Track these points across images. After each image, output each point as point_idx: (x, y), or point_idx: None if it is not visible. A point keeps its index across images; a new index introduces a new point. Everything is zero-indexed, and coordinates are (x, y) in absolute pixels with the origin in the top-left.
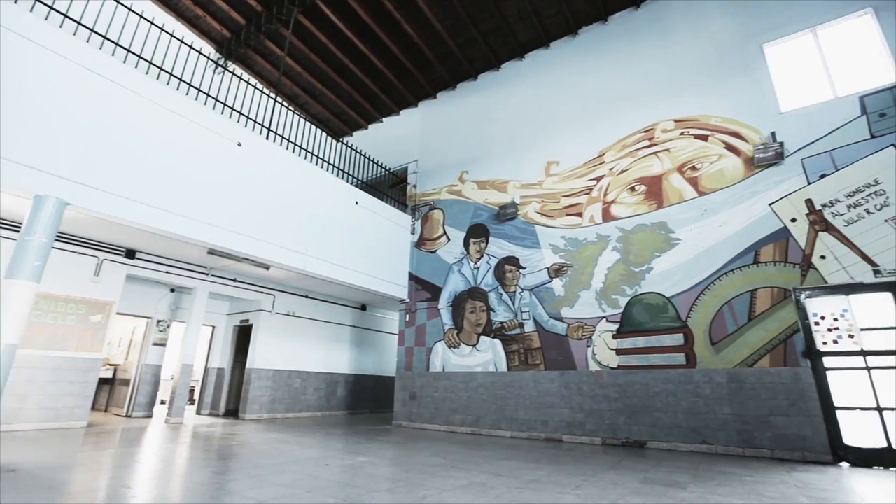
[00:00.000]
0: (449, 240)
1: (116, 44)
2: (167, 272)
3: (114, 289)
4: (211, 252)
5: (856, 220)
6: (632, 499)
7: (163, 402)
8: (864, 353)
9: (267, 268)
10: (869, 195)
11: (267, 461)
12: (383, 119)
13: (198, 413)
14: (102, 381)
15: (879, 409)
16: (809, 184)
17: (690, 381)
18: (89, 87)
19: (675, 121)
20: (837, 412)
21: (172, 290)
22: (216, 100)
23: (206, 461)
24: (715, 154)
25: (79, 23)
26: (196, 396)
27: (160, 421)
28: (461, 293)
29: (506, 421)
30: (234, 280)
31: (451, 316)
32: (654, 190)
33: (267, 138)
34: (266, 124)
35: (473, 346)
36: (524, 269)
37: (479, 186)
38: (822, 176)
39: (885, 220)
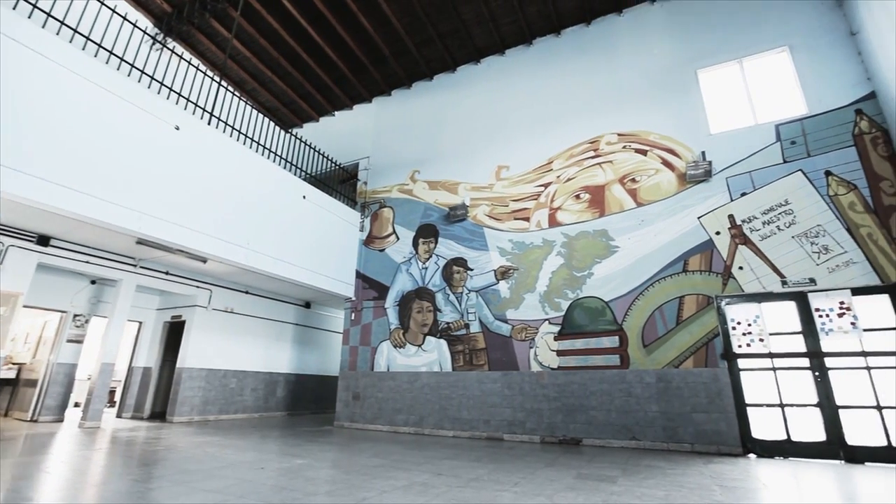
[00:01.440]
0: (398, 239)
1: (34, 6)
2: (87, 262)
3: (21, 278)
4: (140, 242)
5: (769, 236)
6: (566, 494)
7: (77, 405)
8: (771, 356)
9: (204, 261)
10: (780, 214)
11: (196, 466)
12: (335, 113)
13: (118, 416)
14: (3, 382)
15: (782, 406)
16: (732, 201)
17: (624, 381)
18: None
19: (619, 134)
20: (748, 409)
21: (93, 282)
22: (152, 78)
23: (126, 468)
24: (652, 168)
25: None
26: (117, 398)
27: (73, 425)
28: (409, 293)
29: (449, 421)
30: (167, 273)
31: (398, 315)
32: (597, 199)
33: (209, 124)
34: (209, 109)
35: (419, 346)
36: (472, 270)
37: (431, 187)
38: (743, 194)
39: (793, 237)
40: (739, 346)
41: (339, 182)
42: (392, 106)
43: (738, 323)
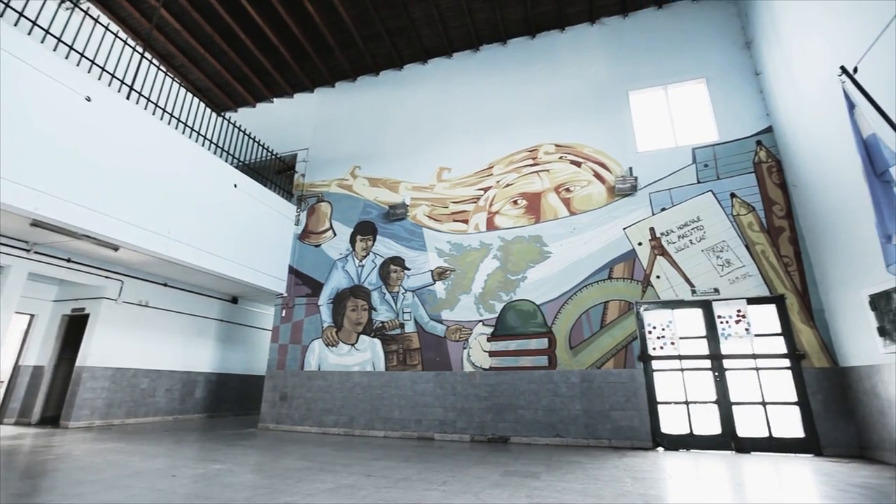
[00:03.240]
0: (335, 235)
1: None
2: None
3: None
4: (36, 224)
5: (683, 249)
6: (492, 490)
7: None
8: (679, 358)
9: (115, 249)
10: (693, 229)
11: (94, 476)
12: (274, 99)
13: None
14: None
15: (687, 403)
16: (653, 215)
17: (551, 381)
18: None
19: (556, 145)
20: (659, 406)
21: None
22: (59, 40)
23: (5, 481)
24: (585, 180)
25: None
26: None
27: None
28: (343, 290)
29: (380, 421)
30: (68, 260)
31: (332, 313)
32: (533, 205)
33: (128, 98)
34: (128, 82)
35: (352, 345)
36: (409, 270)
37: (371, 184)
38: (663, 209)
39: (702, 251)
40: (654, 349)
41: (275, 173)
42: (335, 98)
43: (654, 327)
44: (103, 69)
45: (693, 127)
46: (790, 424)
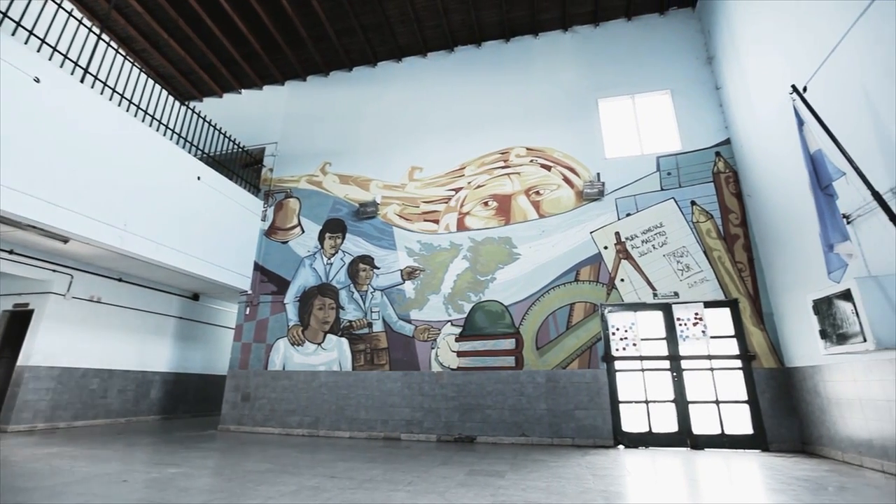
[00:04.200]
0: (303, 232)
1: None
2: None
3: None
4: None
5: (646, 253)
6: (458, 490)
7: None
8: (641, 358)
9: (65, 241)
10: (655, 234)
11: (35, 483)
12: (242, 90)
13: None
14: None
15: (646, 402)
16: (619, 220)
17: (517, 381)
18: None
19: (528, 149)
20: (620, 405)
21: None
22: (5, 14)
23: None
24: (555, 183)
25: None
26: None
27: None
28: (311, 288)
29: (346, 421)
30: (11, 252)
31: (298, 312)
32: (503, 207)
33: (82, 81)
34: (83, 65)
35: (319, 344)
36: (378, 269)
37: (342, 181)
38: (628, 215)
39: (664, 255)
40: (617, 350)
41: (242, 166)
42: (306, 92)
43: (617, 329)
44: (55, 49)
45: (658, 136)
46: (740, 422)
